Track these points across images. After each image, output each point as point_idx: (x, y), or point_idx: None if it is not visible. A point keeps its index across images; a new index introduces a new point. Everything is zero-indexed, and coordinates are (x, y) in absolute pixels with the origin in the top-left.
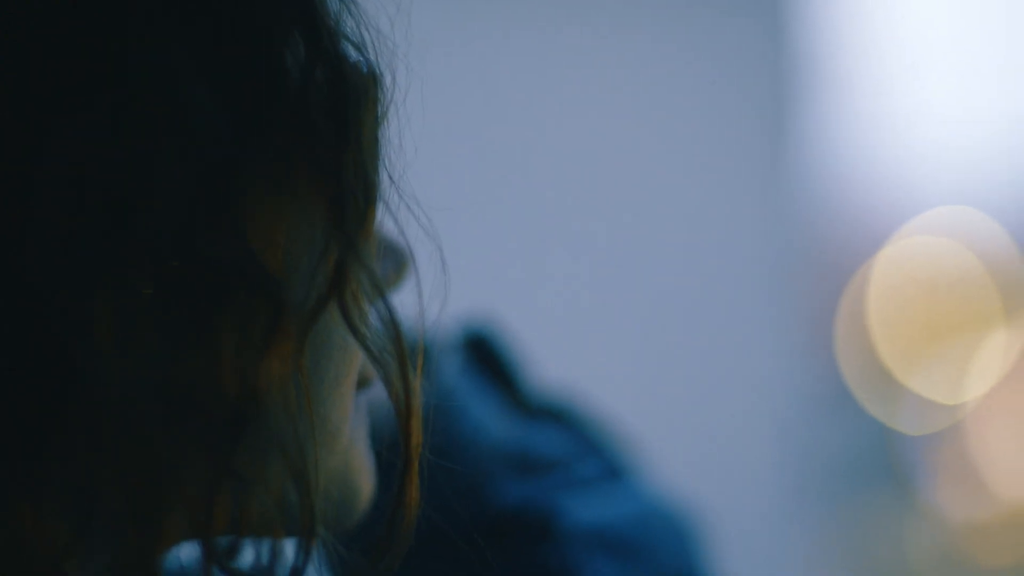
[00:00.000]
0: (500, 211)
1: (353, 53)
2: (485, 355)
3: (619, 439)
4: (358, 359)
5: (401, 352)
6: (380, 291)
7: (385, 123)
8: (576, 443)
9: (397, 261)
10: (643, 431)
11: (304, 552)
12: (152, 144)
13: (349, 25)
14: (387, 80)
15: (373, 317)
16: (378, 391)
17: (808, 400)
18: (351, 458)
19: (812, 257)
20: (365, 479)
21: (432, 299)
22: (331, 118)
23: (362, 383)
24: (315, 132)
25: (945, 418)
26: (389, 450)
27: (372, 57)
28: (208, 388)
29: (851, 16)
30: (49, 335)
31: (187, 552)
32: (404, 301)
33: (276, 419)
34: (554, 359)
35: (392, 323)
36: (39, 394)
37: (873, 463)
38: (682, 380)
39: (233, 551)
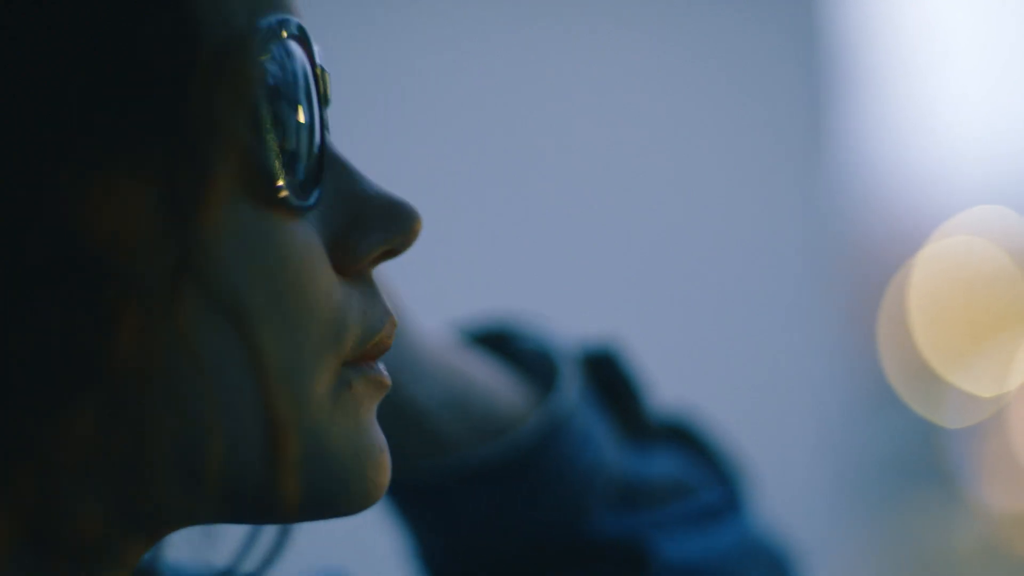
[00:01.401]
0: (540, 216)
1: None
2: (610, 377)
3: (735, 462)
4: (325, 326)
5: (243, 325)
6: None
7: (292, 102)
8: (694, 468)
9: (397, 221)
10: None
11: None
12: None
13: None
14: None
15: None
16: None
17: (852, 398)
18: (334, 434)
19: (854, 257)
20: (360, 461)
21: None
22: (167, 84)
23: (364, 354)
24: (146, 99)
25: (987, 412)
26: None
27: (269, 21)
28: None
29: (887, 15)
30: None
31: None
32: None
33: (153, 391)
34: None
35: (236, 312)
36: None
37: (917, 458)
38: (726, 380)
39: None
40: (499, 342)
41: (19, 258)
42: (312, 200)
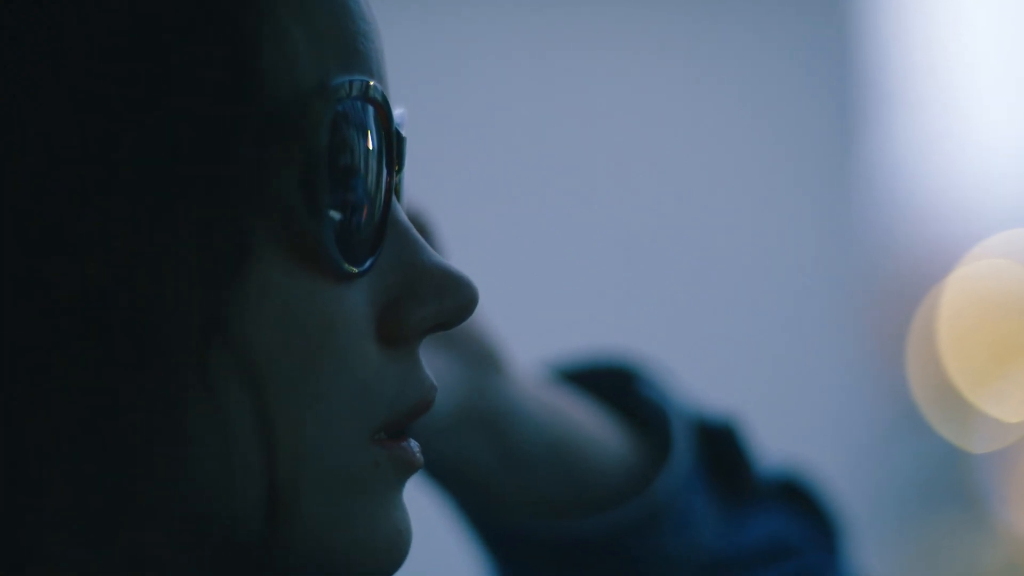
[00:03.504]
0: (575, 226)
1: (285, 74)
2: (724, 448)
3: (839, 518)
4: (357, 397)
5: (263, 391)
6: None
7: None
8: (800, 527)
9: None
10: None
11: None
12: None
13: (292, 35)
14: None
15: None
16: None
17: (879, 422)
18: (352, 512)
19: (883, 279)
20: (376, 545)
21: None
22: (216, 138)
23: (394, 423)
24: (185, 156)
25: (1015, 436)
26: None
27: (316, 80)
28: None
29: (922, 32)
30: None
31: None
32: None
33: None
34: None
35: (246, 369)
36: None
37: (944, 482)
38: (754, 400)
39: None
40: (613, 379)
41: (48, 305)
42: (366, 266)
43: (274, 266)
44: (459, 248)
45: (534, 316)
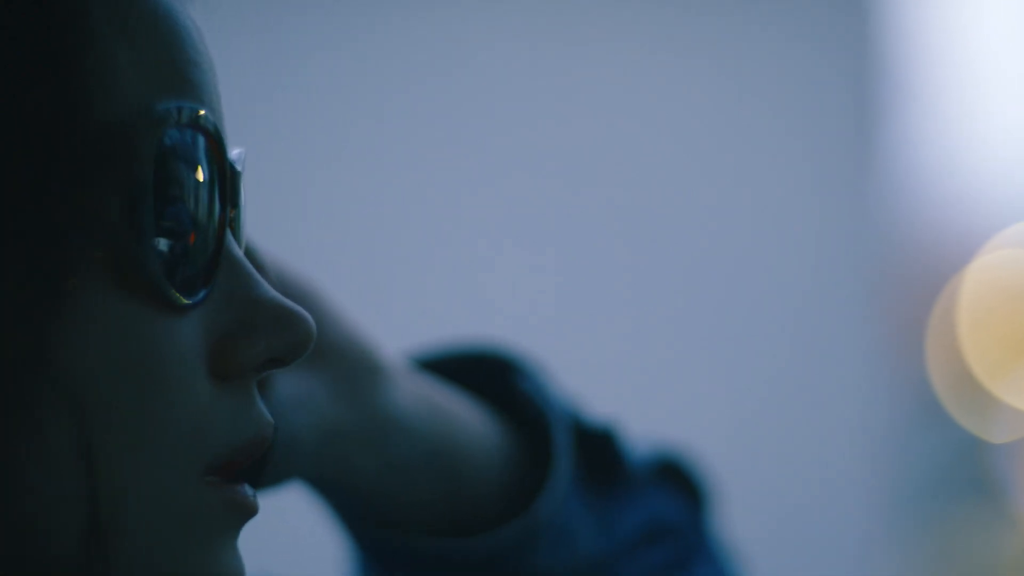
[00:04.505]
0: (587, 228)
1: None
2: (600, 452)
3: (710, 495)
4: (184, 433)
5: (86, 422)
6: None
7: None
8: (679, 507)
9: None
10: (735, 444)
11: None
12: None
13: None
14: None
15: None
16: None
17: (898, 412)
18: (177, 553)
19: (902, 270)
20: None
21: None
22: (36, 161)
23: (229, 464)
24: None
25: None
26: None
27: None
28: None
29: (940, 23)
30: None
31: None
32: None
33: None
34: (648, 374)
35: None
36: None
37: (964, 473)
38: (772, 392)
39: None
40: (490, 370)
41: None
42: (198, 298)
43: (101, 295)
44: (484, 244)
45: (550, 310)
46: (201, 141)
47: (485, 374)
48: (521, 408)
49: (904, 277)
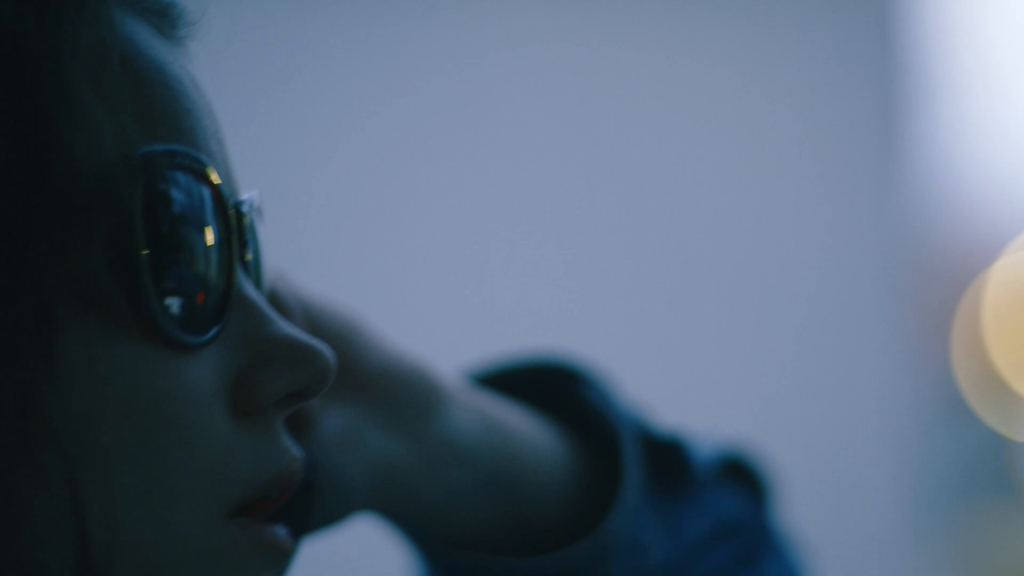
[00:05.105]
0: (607, 230)
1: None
2: (668, 461)
3: (773, 483)
4: (203, 473)
5: (76, 474)
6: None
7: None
8: (746, 504)
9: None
10: (760, 443)
11: None
12: None
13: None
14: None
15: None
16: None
17: (924, 411)
18: None
19: (928, 269)
20: None
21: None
22: (13, 210)
23: (255, 504)
24: None
25: None
26: None
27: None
28: None
29: (964, 21)
30: None
31: None
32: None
33: None
34: (672, 374)
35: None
36: None
37: (989, 471)
38: (797, 390)
39: None
40: (554, 381)
41: None
42: (207, 336)
43: (90, 339)
44: (494, 245)
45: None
46: (194, 183)
47: (548, 385)
48: (586, 419)
49: (929, 276)
